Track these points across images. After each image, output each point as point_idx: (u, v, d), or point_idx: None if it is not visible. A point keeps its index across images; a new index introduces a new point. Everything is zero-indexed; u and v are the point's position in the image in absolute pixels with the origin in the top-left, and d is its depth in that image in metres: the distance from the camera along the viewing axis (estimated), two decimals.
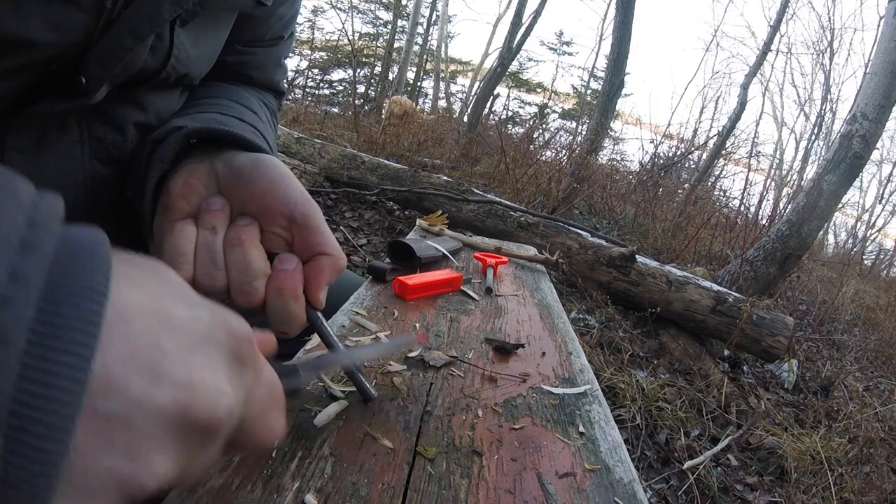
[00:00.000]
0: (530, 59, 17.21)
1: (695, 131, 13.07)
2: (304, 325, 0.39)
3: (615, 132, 11.96)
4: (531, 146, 7.00)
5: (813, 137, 13.16)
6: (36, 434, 0.16)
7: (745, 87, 8.10)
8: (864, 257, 10.17)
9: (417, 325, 0.68)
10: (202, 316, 0.23)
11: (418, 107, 8.31)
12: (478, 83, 13.86)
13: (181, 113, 0.54)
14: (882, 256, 10.75)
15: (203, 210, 0.39)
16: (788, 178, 13.99)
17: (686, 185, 8.03)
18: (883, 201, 12.59)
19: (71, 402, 0.17)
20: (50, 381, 0.17)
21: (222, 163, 0.41)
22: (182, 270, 0.37)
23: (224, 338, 0.23)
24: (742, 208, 7.15)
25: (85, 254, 0.19)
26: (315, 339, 0.58)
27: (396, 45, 13.69)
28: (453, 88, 17.05)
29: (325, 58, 12.50)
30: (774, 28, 8.48)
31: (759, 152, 13.59)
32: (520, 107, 14.91)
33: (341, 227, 3.08)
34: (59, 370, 0.17)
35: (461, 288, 0.85)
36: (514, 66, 13.57)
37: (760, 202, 6.47)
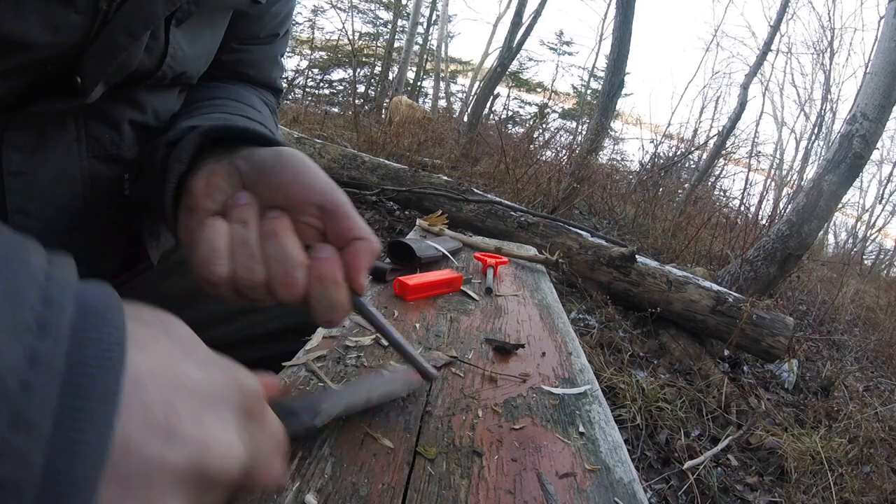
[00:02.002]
0: (530, 59, 17.21)
1: (695, 131, 13.07)
2: (349, 312, 0.38)
3: (615, 132, 11.96)
4: (531, 146, 7.00)
5: (813, 137, 13.16)
6: None
7: (745, 87, 8.09)
8: (864, 257, 10.17)
9: (417, 325, 0.67)
10: (214, 376, 0.24)
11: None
12: (478, 83, 13.86)
13: (186, 115, 0.53)
14: (882, 256, 10.75)
15: (230, 206, 0.38)
16: (788, 178, 13.99)
17: (686, 185, 8.02)
18: (883, 201, 12.59)
19: (93, 475, 0.18)
20: (74, 455, 0.17)
21: (242, 159, 0.40)
22: (219, 266, 0.36)
23: (235, 396, 0.25)
24: (742, 208, 7.15)
25: (99, 322, 0.20)
26: (316, 338, 0.58)
27: (396, 44, 13.69)
28: (453, 88, 17.04)
29: (325, 57, 12.50)
30: (774, 28, 8.48)
31: (759, 152, 13.59)
32: (520, 107, 14.91)
33: None
34: (82, 446, 0.17)
35: (461, 288, 0.85)
36: (514, 66, 13.55)
37: (760, 202, 6.47)
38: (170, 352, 0.23)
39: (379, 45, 14.23)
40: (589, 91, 15.73)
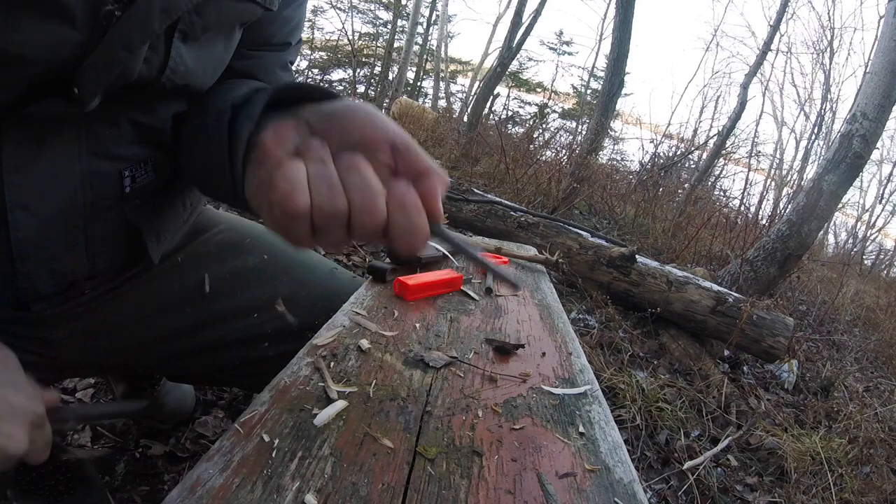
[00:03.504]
0: (530, 59, 17.19)
1: (695, 131, 13.09)
2: (428, 239, 0.39)
3: (615, 132, 11.95)
4: (531, 146, 6.99)
5: (813, 137, 13.16)
6: None
7: (745, 87, 8.08)
8: (864, 257, 10.16)
9: (417, 324, 0.67)
10: (22, 398, 0.40)
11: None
12: (478, 83, 13.85)
13: (235, 92, 0.52)
14: (882, 256, 10.73)
15: (304, 150, 0.38)
16: (788, 178, 13.98)
17: (686, 185, 8.01)
18: (883, 201, 12.58)
19: None
20: None
21: (309, 112, 0.41)
22: (300, 196, 0.36)
23: (29, 413, 0.40)
24: (742, 208, 7.15)
25: None
26: (325, 336, 0.58)
27: (396, 44, 13.68)
28: (453, 88, 17.03)
29: (325, 58, 12.50)
30: (774, 27, 8.47)
31: (759, 152, 13.57)
32: (520, 107, 14.89)
33: None
34: None
35: (461, 288, 0.85)
36: (514, 66, 13.55)
37: (760, 202, 6.46)
38: (3, 377, 0.40)
39: (379, 45, 14.23)
40: (589, 91, 15.73)
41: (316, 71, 11.93)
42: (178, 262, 0.70)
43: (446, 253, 1.01)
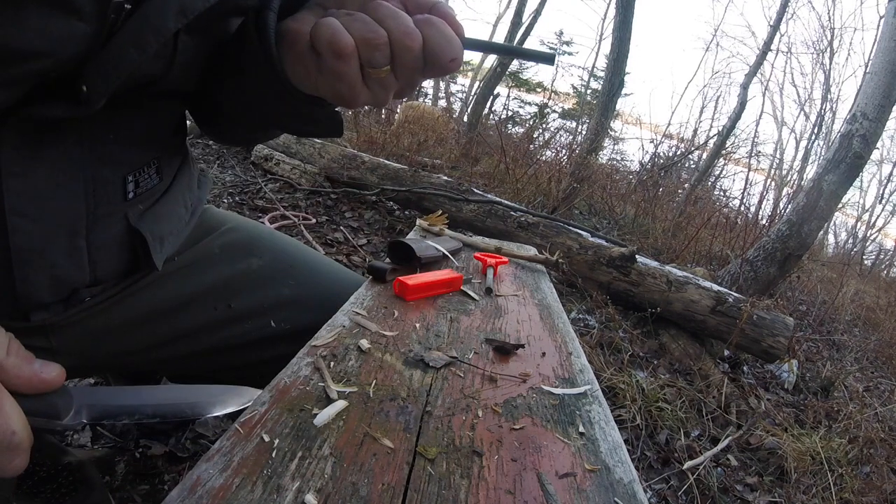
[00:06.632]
0: None
1: (695, 131, 13.11)
2: (463, 48, 0.42)
3: (615, 132, 11.95)
4: (531, 146, 6.99)
5: (813, 137, 13.17)
6: None
7: (745, 87, 8.09)
8: (864, 257, 10.16)
9: (417, 324, 0.68)
10: None
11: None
12: (478, 83, 13.85)
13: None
14: (882, 256, 10.73)
15: (329, 14, 0.42)
16: (788, 178, 13.99)
17: (686, 185, 8.02)
18: (883, 201, 12.59)
19: None
20: None
21: (317, 2, 0.44)
22: (344, 37, 0.39)
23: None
24: (742, 208, 7.15)
25: None
26: (325, 336, 0.59)
27: None
28: (453, 88, 17.01)
29: None
30: (774, 28, 8.48)
31: (759, 152, 13.57)
32: (520, 107, 14.88)
33: (341, 227, 3.08)
34: None
35: (461, 288, 0.85)
36: (513, 66, 13.54)
37: (760, 202, 6.46)
38: None
39: None
40: (589, 91, 15.72)
41: None
42: (182, 265, 0.69)
43: (446, 253, 1.01)
